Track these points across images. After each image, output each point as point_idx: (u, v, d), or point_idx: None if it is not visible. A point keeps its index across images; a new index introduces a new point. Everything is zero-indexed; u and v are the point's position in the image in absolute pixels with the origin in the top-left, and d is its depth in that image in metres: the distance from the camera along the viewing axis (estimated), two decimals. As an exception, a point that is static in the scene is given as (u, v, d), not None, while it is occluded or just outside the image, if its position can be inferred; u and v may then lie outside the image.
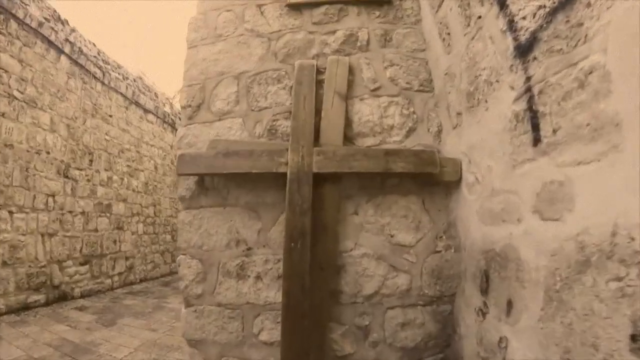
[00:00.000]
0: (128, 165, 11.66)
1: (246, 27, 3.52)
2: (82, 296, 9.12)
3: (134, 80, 12.27)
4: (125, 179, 11.44)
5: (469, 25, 2.49)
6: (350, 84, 3.19)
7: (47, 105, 8.48)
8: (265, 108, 3.25)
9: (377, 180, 3.05)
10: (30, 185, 8.03)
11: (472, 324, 2.57)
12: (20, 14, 7.88)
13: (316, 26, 3.45)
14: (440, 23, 2.95)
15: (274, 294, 2.99)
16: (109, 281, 10.12)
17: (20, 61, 7.90)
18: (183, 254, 3.17)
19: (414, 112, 3.15)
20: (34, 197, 8.09)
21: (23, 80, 7.92)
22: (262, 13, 3.55)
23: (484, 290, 2.39)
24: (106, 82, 10.21)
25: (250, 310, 3.02)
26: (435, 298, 2.94)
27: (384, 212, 3.03)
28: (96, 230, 9.72)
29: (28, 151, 8.00)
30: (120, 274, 10.88)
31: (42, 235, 8.25)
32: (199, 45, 3.59)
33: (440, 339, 2.91)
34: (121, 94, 11.32)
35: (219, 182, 3.21)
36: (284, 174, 2.81)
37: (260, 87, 3.30)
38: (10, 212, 7.57)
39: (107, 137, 10.48)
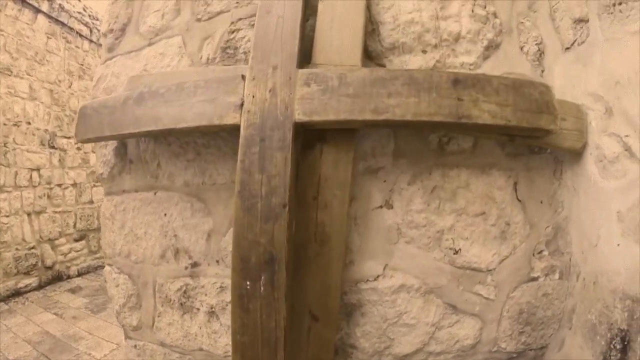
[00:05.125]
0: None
1: None
2: (80, 274, 7.89)
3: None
4: (125, 145, 9.87)
5: None
6: (374, -46, 1.54)
7: (24, 72, 6.94)
8: (220, 12, 1.65)
9: (430, 140, 1.48)
10: (10, 162, 6.66)
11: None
12: (-14, -26, 6.26)
13: None
14: None
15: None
16: (109, 257, 8.76)
17: (-11, 27, 6.35)
18: (109, 264, 1.89)
19: (494, 14, 1.52)
20: (16, 173, 6.74)
21: (-7, 47, 6.38)
22: None
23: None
24: (94, 39, 8.48)
25: None
26: (514, 355, 1.50)
27: (444, 204, 1.46)
28: (91, 202, 8.28)
29: (5, 124, 6.59)
30: (124, 246, 9.49)
31: (29, 214, 6.94)
32: None
33: None
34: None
35: (145, 149, 1.73)
36: (237, 127, 1.27)
37: (213, -20, 1.67)
38: None
39: (99, 102, 8.86)
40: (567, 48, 1.43)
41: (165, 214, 1.68)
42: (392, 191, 1.47)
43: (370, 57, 1.47)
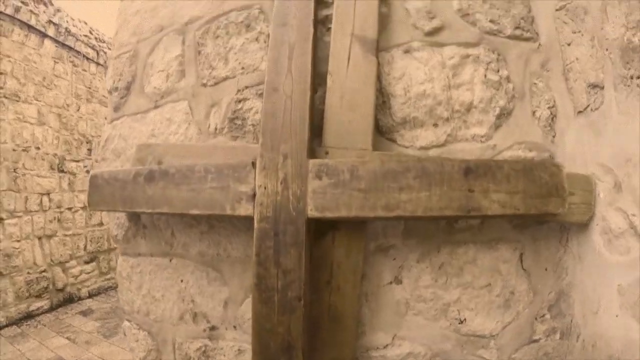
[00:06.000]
0: (136, 150, 10.09)
1: (197, -52, 1.83)
2: (90, 296, 7.89)
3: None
4: (133, 165, 9.89)
5: None
6: (383, 22, 1.50)
7: (33, 97, 6.96)
8: (226, 78, 1.61)
9: (439, 220, 1.47)
10: (21, 187, 6.68)
11: None
12: (-9, 2, 6.30)
13: None
14: None
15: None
16: (120, 277, 8.76)
17: (-4, 53, 6.37)
18: (128, 320, 1.87)
19: (507, 79, 1.48)
20: (26, 198, 6.76)
21: (1, 73, 6.42)
22: None
23: None
24: (101, 61, 8.50)
25: None
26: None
27: (451, 280, 1.47)
28: (101, 224, 8.28)
29: (14, 150, 6.60)
30: (134, 265, 9.51)
31: (39, 238, 6.96)
32: None
33: None
34: (122, 76, 9.54)
35: (158, 217, 1.74)
36: (250, 217, 1.27)
37: (218, 43, 1.65)
38: (1, 219, 6.35)
39: (107, 122, 8.84)
40: (580, 112, 1.38)
41: (181, 280, 1.66)
42: (401, 267, 1.47)
43: (381, 132, 1.44)
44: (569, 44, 1.42)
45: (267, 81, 1.31)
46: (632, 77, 1.16)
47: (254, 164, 1.26)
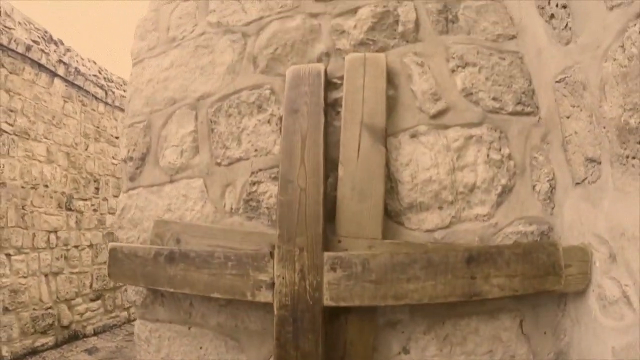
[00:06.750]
0: (142, 186, 10.16)
1: (210, 21, 1.96)
2: (95, 333, 7.81)
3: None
4: (140, 201, 9.94)
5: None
6: (391, 105, 1.59)
7: (42, 135, 7.06)
8: (239, 159, 1.68)
9: None
10: (28, 224, 6.69)
11: None
12: (4, 40, 6.47)
13: (322, 3, 1.83)
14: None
15: None
16: (124, 314, 8.75)
17: (7, 91, 6.47)
18: None
19: (509, 157, 1.57)
20: (34, 235, 6.77)
21: (12, 111, 6.51)
22: (234, -8, 1.96)
23: None
24: (109, 101, 8.69)
25: None
26: None
27: (455, 348, 1.55)
28: (107, 262, 8.24)
29: (23, 187, 6.65)
30: (139, 302, 9.45)
31: (46, 275, 6.96)
32: (146, 58, 2.11)
33: None
34: (128, 109, 9.69)
35: None
36: (269, 304, 1.40)
37: (230, 122, 1.73)
38: (8, 255, 6.31)
39: (114, 161, 8.98)
40: (578, 183, 1.44)
41: (200, 347, 1.70)
42: (409, 339, 1.55)
43: (390, 215, 1.51)
44: (568, 117, 1.47)
45: (281, 173, 1.39)
46: (627, 157, 1.21)
47: (272, 254, 1.35)
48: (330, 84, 1.62)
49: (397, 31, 1.71)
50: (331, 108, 1.58)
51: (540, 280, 1.32)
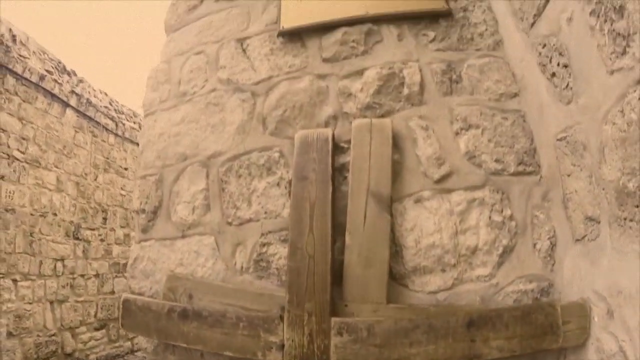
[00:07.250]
0: (149, 218, 10.21)
1: (220, 77, 2.04)
2: (99, 363, 7.72)
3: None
4: (146, 233, 9.98)
5: (624, 52, 1.13)
6: (396, 170, 1.66)
7: (52, 164, 7.21)
8: (250, 220, 1.75)
9: None
10: (36, 251, 6.77)
11: None
12: (19, 69, 6.68)
13: (330, 65, 1.93)
14: (543, 46, 1.54)
15: None
16: (128, 344, 8.72)
17: (20, 119, 6.66)
18: None
19: (510, 217, 1.62)
20: (41, 262, 6.83)
21: (24, 139, 6.68)
22: (244, 51, 2.06)
23: None
24: (119, 133, 8.90)
25: None
26: None
27: None
28: (112, 292, 8.35)
29: (32, 214, 6.75)
30: (142, 332, 9.40)
31: (51, 302, 6.99)
32: (158, 110, 2.18)
33: None
34: (137, 144, 9.74)
35: None
36: None
37: (241, 182, 1.80)
38: (14, 281, 6.36)
39: (122, 192, 9.12)
40: (578, 240, 1.48)
41: None
42: None
43: (394, 277, 1.56)
44: (569, 175, 1.52)
45: (290, 239, 1.46)
46: (625, 219, 1.24)
47: (281, 317, 1.42)
48: (337, 148, 1.70)
49: (402, 94, 1.79)
50: (339, 173, 1.66)
51: (538, 340, 1.37)
